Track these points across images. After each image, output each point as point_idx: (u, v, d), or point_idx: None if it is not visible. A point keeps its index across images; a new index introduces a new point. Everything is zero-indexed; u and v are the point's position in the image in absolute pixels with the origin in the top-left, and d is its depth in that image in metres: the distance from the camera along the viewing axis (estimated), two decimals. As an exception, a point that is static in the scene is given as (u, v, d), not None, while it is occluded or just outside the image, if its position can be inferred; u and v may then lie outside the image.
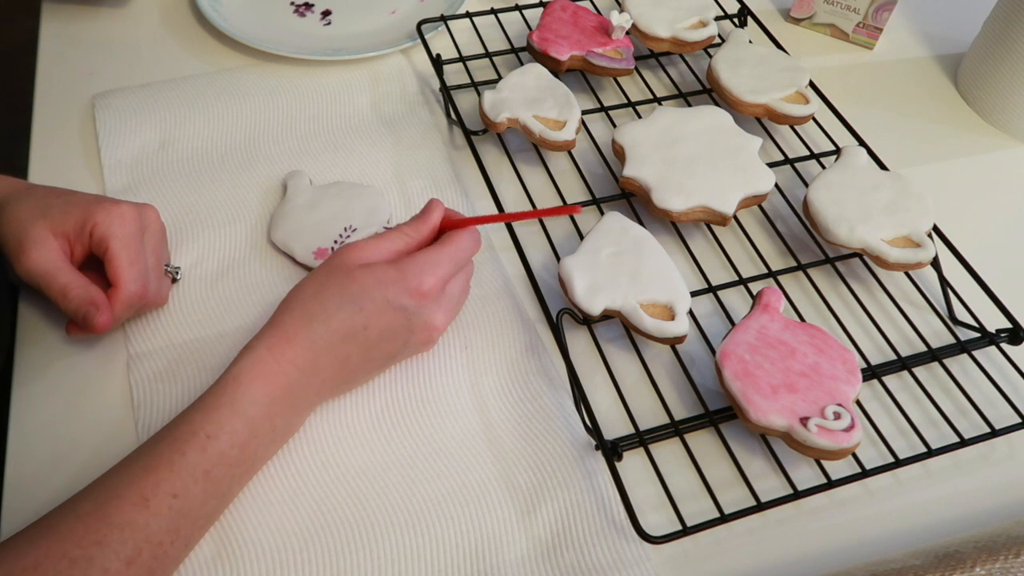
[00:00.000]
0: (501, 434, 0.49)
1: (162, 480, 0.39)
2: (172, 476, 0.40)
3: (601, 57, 0.66)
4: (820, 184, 0.58)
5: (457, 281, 0.50)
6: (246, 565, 0.43)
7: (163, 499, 0.39)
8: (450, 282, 0.49)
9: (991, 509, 0.49)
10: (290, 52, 0.69)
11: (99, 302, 0.47)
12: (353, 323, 0.45)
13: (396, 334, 0.47)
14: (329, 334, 0.44)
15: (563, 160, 0.65)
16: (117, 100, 0.65)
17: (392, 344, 0.47)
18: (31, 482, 0.46)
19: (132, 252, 0.48)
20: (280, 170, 0.62)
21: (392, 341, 0.47)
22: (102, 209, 0.48)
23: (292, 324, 0.45)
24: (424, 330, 0.48)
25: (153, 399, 0.49)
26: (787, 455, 0.48)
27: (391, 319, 0.46)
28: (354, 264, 0.46)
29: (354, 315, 0.45)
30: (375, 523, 0.45)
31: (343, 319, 0.45)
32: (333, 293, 0.45)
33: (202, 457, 0.41)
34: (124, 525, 0.38)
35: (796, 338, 0.49)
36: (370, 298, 0.45)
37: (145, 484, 0.39)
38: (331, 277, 0.46)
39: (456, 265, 0.49)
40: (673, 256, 0.55)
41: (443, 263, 0.48)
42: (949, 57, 0.79)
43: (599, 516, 0.46)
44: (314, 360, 0.44)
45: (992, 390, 0.52)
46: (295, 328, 0.44)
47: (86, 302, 0.46)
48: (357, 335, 0.45)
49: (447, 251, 0.48)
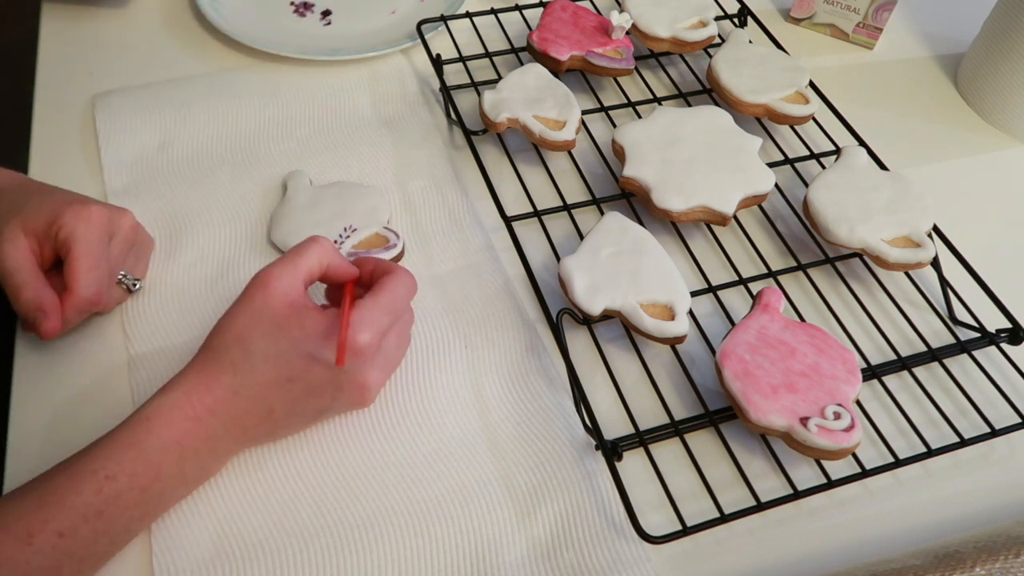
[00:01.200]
0: (501, 434, 0.49)
1: (51, 518, 0.38)
2: (61, 514, 0.38)
3: (601, 57, 0.66)
4: (820, 184, 0.58)
5: (393, 334, 0.46)
6: (246, 565, 0.43)
7: (48, 537, 0.38)
8: (386, 336, 0.45)
9: (991, 509, 0.49)
10: (290, 52, 0.69)
11: (47, 308, 0.46)
12: (277, 375, 0.42)
13: (323, 391, 0.44)
14: (252, 385, 0.42)
15: (563, 160, 0.65)
16: (117, 100, 0.65)
17: (319, 400, 0.44)
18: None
19: (92, 257, 0.47)
20: (280, 170, 0.62)
21: (319, 397, 0.44)
22: (70, 210, 0.47)
23: (213, 369, 0.42)
24: (355, 389, 0.45)
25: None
26: (787, 455, 0.48)
27: (319, 374, 0.43)
28: (280, 303, 0.43)
29: (279, 368, 0.42)
30: (374, 523, 0.45)
31: (267, 371, 0.42)
32: (257, 341, 0.42)
33: (96, 498, 0.39)
34: (3, 560, 0.37)
35: (796, 338, 0.49)
36: (297, 352, 0.42)
37: (33, 520, 0.38)
38: (255, 321, 0.43)
39: (392, 316, 0.44)
40: (673, 256, 0.55)
41: (378, 315, 0.43)
42: (949, 57, 0.79)
43: (599, 516, 0.46)
44: (234, 409, 0.43)
45: (992, 390, 0.52)
46: (216, 373, 0.42)
47: (34, 307, 0.46)
48: (282, 387, 0.43)
49: (381, 301, 0.44)
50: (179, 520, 0.44)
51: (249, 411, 0.43)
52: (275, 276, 0.44)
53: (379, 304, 0.44)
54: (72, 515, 0.38)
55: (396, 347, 0.47)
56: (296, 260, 0.44)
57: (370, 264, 0.47)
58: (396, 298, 0.45)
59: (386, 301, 0.44)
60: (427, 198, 0.61)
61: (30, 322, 0.46)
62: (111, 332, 0.52)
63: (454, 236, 0.59)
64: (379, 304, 0.44)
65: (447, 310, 0.54)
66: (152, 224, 0.57)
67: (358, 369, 0.44)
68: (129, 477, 0.40)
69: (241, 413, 0.43)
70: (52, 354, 0.51)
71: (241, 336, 0.43)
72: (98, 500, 0.39)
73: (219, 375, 0.42)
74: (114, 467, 0.40)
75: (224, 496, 0.45)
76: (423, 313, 0.54)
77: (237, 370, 0.42)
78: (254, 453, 0.47)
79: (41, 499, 0.39)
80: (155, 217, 0.58)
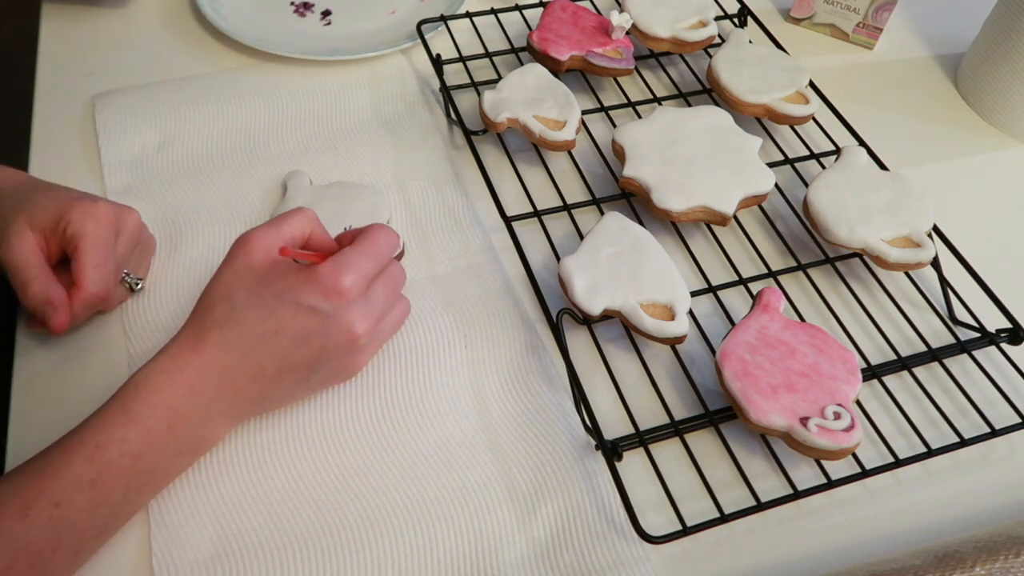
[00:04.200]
0: (501, 434, 0.49)
1: (45, 489, 0.38)
2: (55, 485, 0.38)
3: (601, 57, 0.66)
4: (820, 184, 0.58)
5: (380, 284, 0.46)
6: (246, 565, 0.43)
7: (44, 508, 0.38)
8: (374, 283, 0.46)
9: (991, 509, 0.49)
10: (290, 52, 0.69)
11: (57, 302, 0.46)
12: (264, 327, 0.43)
13: (311, 338, 0.43)
14: (241, 340, 0.42)
15: (563, 160, 0.65)
16: (117, 100, 0.65)
17: (308, 350, 0.44)
18: (31, 482, 0.46)
19: (100, 254, 0.48)
20: (280, 170, 0.62)
21: (308, 347, 0.44)
22: (78, 207, 0.47)
23: (199, 331, 0.43)
24: (342, 334, 0.44)
25: (153, 399, 0.49)
26: (787, 455, 0.48)
27: (304, 322, 0.43)
28: (261, 260, 0.44)
29: (265, 319, 0.43)
30: (374, 523, 0.45)
31: (254, 323, 0.43)
32: (242, 297, 0.43)
33: (88, 467, 0.39)
34: (1, 534, 0.37)
35: (796, 338, 0.49)
36: (282, 303, 0.43)
37: (28, 492, 0.38)
38: (239, 279, 0.44)
39: (373, 261, 0.45)
40: (673, 256, 0.55)
41: (359, 259, 0.44)
42: (949, 57, 0.79)
43: (599, 516, 0.46)
44: (225, 367, 0.42)
45: (992, 390, 0.52)
46: (204, 334, 0.42)
47: (44, 301, 0.46)
48: (270, 340, 0.43)
49: (361, 247, 0.45)
50: (179, 520, 0.44)
51: (238, 368, 0.43)
52: (256, 236, 0.44)
53: (359, 250, 0.45)
54: (66, 485, 0.39)
55: (386, 299, 0.47)
56: (279, 224, 0.45)
57: (350, 236, 0.47)
58: (376, 244, 0.46)
59: (365, 247, 0.45)
60: (427, 198, 0.61)
61: (39, 316, 0.46)
62: (111, 332, 0.52)
63: (454, 236, 0.59)
64: (359, 250, 0.45)
65: (447, 310, 0.54)
66: (152, 224, 0.57)
67: (343, 312, 0.44)
68: (119, 444, 0.40)
69: (230, 371, 0.43)
70: (52, 353, 0.51)
71: (226, 294, 0.43)
72: (90, 468, 0.39)
73: (206, 334, 0.42)
74: (103, 436, 0.40)
75: (224, 496, 0.45)
76: (423, 313, 0.54)
77: (223, 326, 0.42)
78: (254, 453, 0.47)
79: (35, 472, 0.39)
80: (155, 217, 0.58)
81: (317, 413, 0.49)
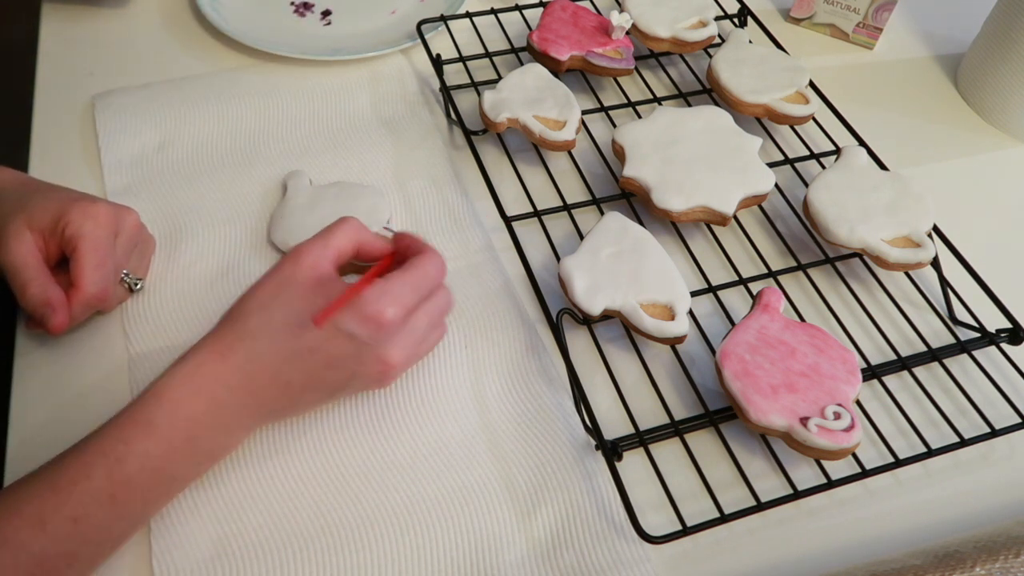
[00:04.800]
0: (501, 434, 0.49)
1: (63, 503, 0.37)
2: (74, 500, 0.38)
3: (601, 57, 0.66)
4: (820, 184, 0.58)
5: (423, 314, 0.45)
6: (246, 565, 0.43)
7: (62, 523, 0.37)
8: (414, 314, 0.44)
9: (991, 509, 0.49)
10: (290, 52, 0.69)
11: (55, 303, 0.46)
12: (299, 345, 0.42)
13: (344, 364, 0.43)
14: (272, 354, 0.41)
15: (563, 160, 0.65)
16: (117, 100, 0.65)
17: (339, 373, 0.43)
18: (31, 482, 0.46)
19: (99, 255, 0.48)
20: (280, 170, 0.62)
21: (340, 370, 0.43)
22: (77, 208, 0.47)
23: (231, 338, 0.42)
24: (376, 364, 0.43)
25: (153, 399, 0.49)
26: (787, 455, 0.48)
27: (340, 346, 0.42)
28: (307, 276, 0.43)
29: (301, 336, 0.41)
30: (374, 523, 0.45)
31: (288, 339, 0.41)
32: (280, 311, 0.42)
33: (108, 482, 0.38)
34: (16, 546, 0.36)
35: (796, 338, 0.49)
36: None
37: (45, 504, 0.37)
38: (280, 290, 0.43)
39: (419, 293, 0.44)
40: (673, 256, 0.55)
41: (406, 291, 0.43)
42: (949, 57, 0.79)
43: (599, 516, 0.46)
44: (251, 380, 0.42)
45: (992, 390, 0.52)
46: (234, 343, 0.41)
47: (42, 302, 0.46)
48: (302, 358, 0.42)
49: (409, 278, 0.44)
50: (179, 520, 0.44)
51: (265, 383, 0.42)
52: (305, 250, 0.44)
53: (405, 280, 0.43)
54: (85, 500, 0.38)
55: (426, 329, 0.46)
56: (327, 237, 0.45)
57: (406, 240, 0.46)
58: (424, 275, 0.44)
59: (413, 278, 0.44)
60: (427, 198, 0.61)
61: (37, 318, 0.46)
62: (111, 332, 0.52)
63: (454, 236, 0.59)
64: (405, 280, 0.43)
65: (447, 310, 0.55)
66: (152, 224, 0.57)
67: (381, 344, 0.43)
68: (139, 458, 0.39)
69: (257, 385, 0.42)
70: (52, 354, 0.51)
71: (264, 303, 0.42)
72: (110, 484, 0.38)
73: (236, 343, 0.41)
74: (123, 448, 0.39)
75: (224, 496, 0.45)
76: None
77: (256, 337, 0.41)
78: (255, 453, 0.47)
79: (53, 484, 0.38)
80: (155, 217, 0.58)
81: (317, 413, 0.49)
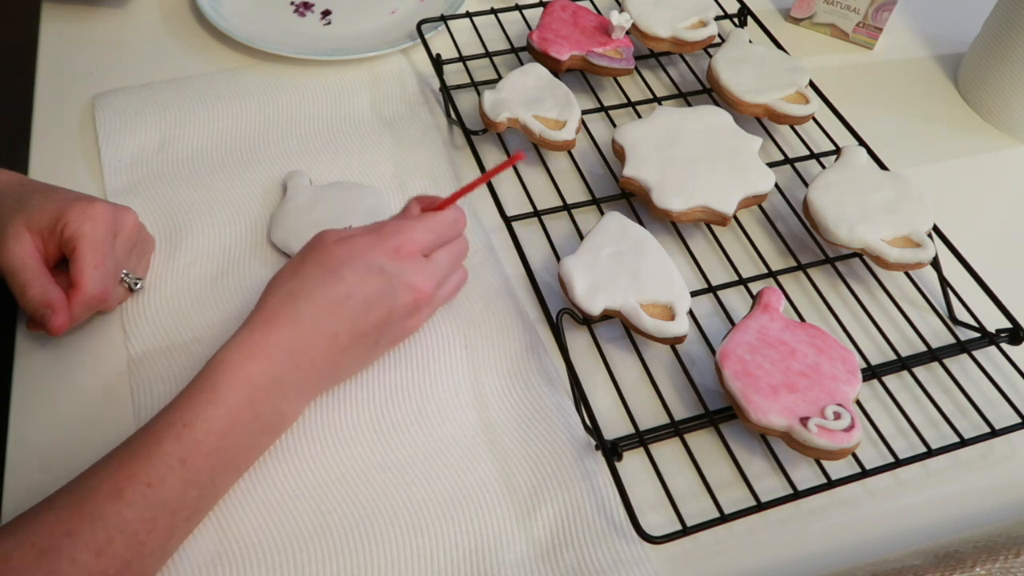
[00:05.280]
0: (500, 434, 0.49)
1: (137, 470, 0.39)
2: (147, 465, 0.39)
3: (601, 57, 0.66)
4: (820, 184, 0.58)
5: (444, 252, 0.50)
6: (246, 565, 0.43)
7: (137, 488, 0.39)
8: (438, 250, 0.49)
9: (991, 509, 0.49)
10: (290, 52, 0.69)
11: (55, 304, 0.46)
12: (336, 293, 0.45)
13: (380, 299, 0.46)
14: (313, 309, 0.44)
15: (563, 160, 0.65)
16: (117, 100, 0.65)
17: (377, 311, 0.46)
18: (31, 482, 0.46)
19: (99, 255, 0.48)
20: (280, 170, 0.62)
21: (378, 307, 0.46)
22: (76, 208, 0.48)
23: (274, 305, 0.44)
24: (408, 292, 0.47)
25: (153, 400, 0.49)
26: (787, 455, 0.48)
27: (373, 283, 0.46)
28: (331, 238, 0.47)
29: (335, 285, 0.45)
30: (374, 524, 0.45)
31: (324, 290, 0.44)
32: (312, 268, 0.45)
33: (177, 446, 0.40)
34: (96, 516, 0.38)
35: (796, 338, 0.49)
36: (350, 268, 0.45)
37: (120, 475, 0.39)
38: (309, 255, 0.46)
39: (434, 234, 0.49)
40: (673, 256, 0.55)
41: (420, 229, 0.48)
42: (949, 57, 0.79)
43: (599, 516, 0.46)
44: (300, 339, 0.44)
45: (992, 390, 0.52)
46: (277, 308, 0.44)
47: (42, 303, 0.46)
48: (341, 305, 0.45)
49: (424, 220, 0.49)
50: (179, 520, 0.44)
51: (312, 339, 0.44)
52: (336, 231, 0.48)
53: (421, 220, 0.49)
54: (158, 464, 0.39)
55: (448, 267, 0.50)
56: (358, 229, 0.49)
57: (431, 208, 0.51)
58: (439, 221, 0.49)
59: (428, 221, 0.49)
60: (427, 198, 0.61)
61: (38, 318, 0.46)
62: (111, 332, 0.52)
63: (454, 236, 0.59)
64: (421, 220, 0.49)
65: (447, 310, 0.54)
66: (152, 224, 0.57)
67: (409, 272, 0.47)
68: (204, 423, 0.41)
69: (305, 342, 0.44)
70: (52, 354, 0.51)
71: (296, 271, 0.46)
72: (179, 448, 0.40)
73: (279, 308, 0.44)
74: (189, 415, 0.41)
75: (224, 497, 0.45)
76: (423, 313, 0.54)
77: (295, 298, 0.44)
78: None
79: (125, 457, 0.40)
80: (155, 217, 0.58)
81: (317, 413, 0.49)
